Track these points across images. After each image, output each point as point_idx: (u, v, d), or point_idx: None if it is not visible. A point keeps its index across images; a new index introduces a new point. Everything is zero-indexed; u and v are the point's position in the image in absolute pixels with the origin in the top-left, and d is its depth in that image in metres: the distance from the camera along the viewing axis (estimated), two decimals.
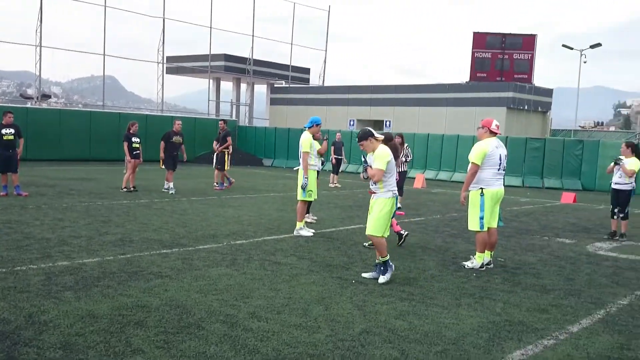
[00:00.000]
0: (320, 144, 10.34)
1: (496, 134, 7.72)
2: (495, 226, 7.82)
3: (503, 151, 7.70)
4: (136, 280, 6.27)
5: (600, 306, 6.13)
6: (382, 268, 6.76)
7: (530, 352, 4.66)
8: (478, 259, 7.69)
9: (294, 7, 42.16)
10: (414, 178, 22.24)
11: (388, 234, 6.86)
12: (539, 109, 35.72)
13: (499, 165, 7.60)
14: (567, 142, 24.61)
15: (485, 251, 7.72)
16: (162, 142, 15.54)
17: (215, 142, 17.22)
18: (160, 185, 15.65)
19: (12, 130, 12.91)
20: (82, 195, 13.83)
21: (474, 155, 7.56)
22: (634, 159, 10.59)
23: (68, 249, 7.69)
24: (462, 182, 8.12)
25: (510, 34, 39.00)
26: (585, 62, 38.32)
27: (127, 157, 14.93)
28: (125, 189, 14.86)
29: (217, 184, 16.80)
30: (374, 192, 6.85)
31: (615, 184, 10.79)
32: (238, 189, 17.13)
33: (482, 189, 7.55)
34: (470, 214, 7.69)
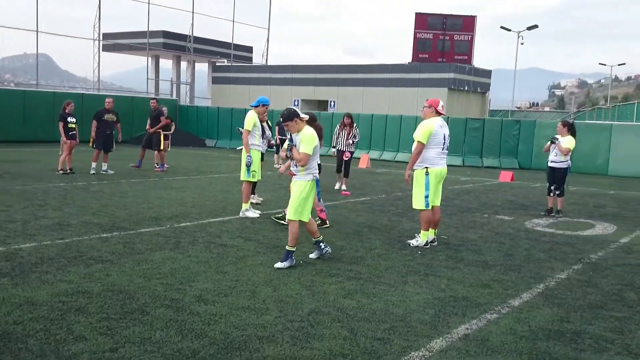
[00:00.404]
0: (268, 126, 10.29)
1: (441, 114, 7.82)
2: (439, 204, 7.97)
3: (446, 131, 7.81)
4: (76, 266, 6.05)
5: (539, 280, 6.34)
6: (287, 255, 6.50)
7: (474, 327, 4.77)
8: (423, 237, 7.81)
9: None
10: (359, 158, 22.39)
11: (307, 219, 6.70)
12: (479, 90, 36.55)
13: (443, 145, 7.72)
14: (505, 122, 25.27)
15: (430, 229, 7.86)
16: (94, 121, 15.02)
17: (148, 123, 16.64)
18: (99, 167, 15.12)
19: None
20: (16, 178, 13.24)
21: (420, 134, 7.63)
22: (569, 138, 10.96)
23: (3, 234, 7.35)
24: (406, 162, 8.19)
25: (451, 15, 39.58)
26: (522, 44, 39.38)
27: (63, 138, 14.39)
28: (61, 171, 14.33)
29: (157, 164, 16.43)
30: (294, 174, 6.77)
31: (552, 162, 11.14)
32: (180, 170, 16.80)
33: (427, 168, 7.65)
34: (415, 192, 7.78)
